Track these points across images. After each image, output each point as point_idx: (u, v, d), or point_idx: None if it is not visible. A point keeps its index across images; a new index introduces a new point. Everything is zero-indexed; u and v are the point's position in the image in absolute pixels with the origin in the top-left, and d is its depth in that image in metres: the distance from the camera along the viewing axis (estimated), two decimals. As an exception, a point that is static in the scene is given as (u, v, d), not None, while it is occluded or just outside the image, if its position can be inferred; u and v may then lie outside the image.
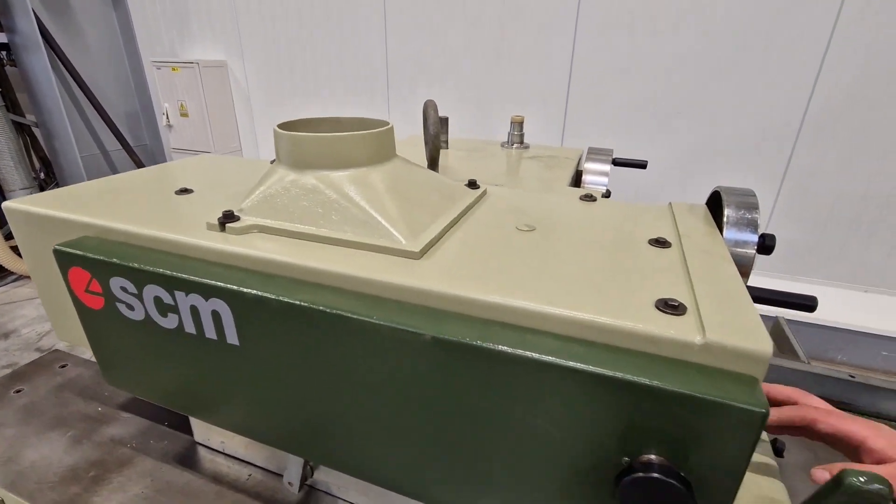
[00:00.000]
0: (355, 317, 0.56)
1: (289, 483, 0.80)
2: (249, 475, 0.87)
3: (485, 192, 0.94)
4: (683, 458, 0.47)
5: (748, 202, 0.76)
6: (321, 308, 0.58)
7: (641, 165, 1.47)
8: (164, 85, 3.61)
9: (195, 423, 0.93)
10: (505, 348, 0.50)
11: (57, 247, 0.75)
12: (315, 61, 3.29)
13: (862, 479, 0.34)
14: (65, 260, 0.75)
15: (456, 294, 0.56)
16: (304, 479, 0.80)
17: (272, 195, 0.74)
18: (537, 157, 1.45)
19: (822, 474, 0.54)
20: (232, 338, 0.67)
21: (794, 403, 0.58)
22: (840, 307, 2.51)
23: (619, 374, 0.47)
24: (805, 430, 0.57)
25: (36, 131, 3.75)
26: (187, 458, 0.90)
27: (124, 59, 3.89)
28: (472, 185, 0.94)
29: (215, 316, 0.66)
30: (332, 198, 0.71)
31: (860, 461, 0.52)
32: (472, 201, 0.86)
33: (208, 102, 3.51)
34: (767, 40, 2.35)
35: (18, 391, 1.07)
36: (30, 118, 3.69)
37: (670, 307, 0.52)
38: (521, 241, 0.72)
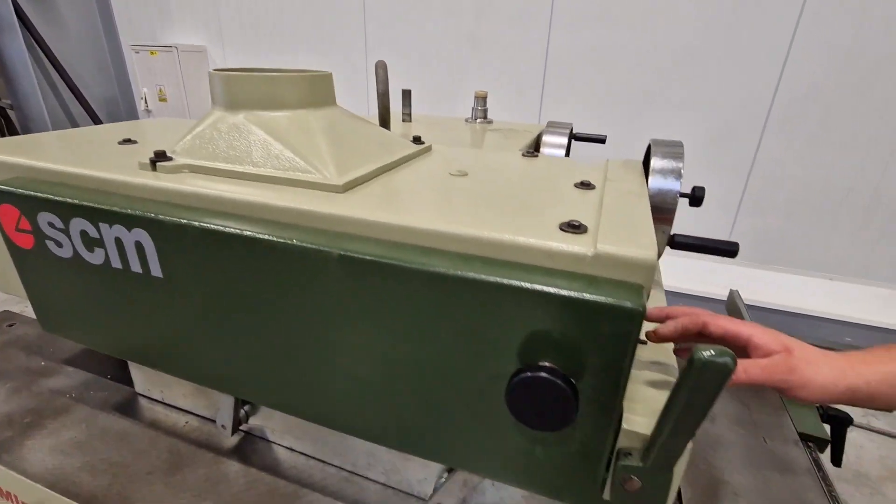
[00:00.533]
0: (267, 238, 0.57)
1: (222, 426, 0.80)
2: (186, 422, 0.87)
3: (429, 148, 0.95)
4: (572, 363, 0.48)
5: (674, 152, 0.78)
6: (235, 231, 0.59)
7: (600, 140, 1.49)
8: (143, 69, 3.58)
9: (136, 373, 0.93)
10: (408, 264, 0.52)
11: (-14, 185, 0.75)
12: (294, 48, 3.29)
13: (707, 353, 0.36)
14: (-6, 197, 0.75)
15: (369, 219, 0.57)
16: (237, 422, 0.81)
17: (205, 136, 0.75)
18: (498, 131, 1.47)
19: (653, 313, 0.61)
20: (156, 270, 0.67)
21: None
22: (806, 294, 2.56)
23: (511, 282, 0.48)
24: (701, 338, 0.59)
25: (11, 114, 3.70)
26: (126, 407, 0.90)
27: (103, 42, 3.85)
28: (417, 140, 0.95)
29: (139, 247, 0.66)
30: (262, 137, 0.71)
31: (749, 357, 0.55)
32: (413, 153, 0.87)
33: (187, 87, 3.48)
34: (733, 33, 2.39)
35: (-38, 347, 1.06)
36: (5, 101, 3.64)
37: (572, 227, 0.54)
38: (450, 182, 0.73)
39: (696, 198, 0.83)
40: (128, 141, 0.92)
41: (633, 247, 0.48)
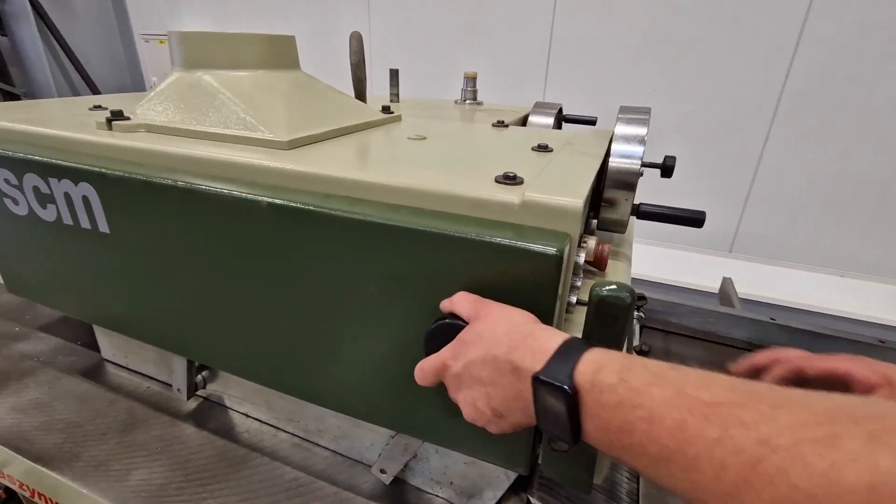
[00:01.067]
0: (202, 188, 0.56)
1: (178, 390, 0.80)
2: (148, 387, 0.87)
3: (398, 118, 0.94)
4: (496, 315, 0.46)
5: (639, 118, 0.75)
6: (171, 182, 0.58)
7: (591, 122, 1.46)
8: (153, 58, 3.63)
9: (102, 339, 0.93)
10: (334, 212, 0.50)
11: (-51, 142, 0.76)
12: (298, 34, 3.30)
13: (604, 290, 0.34)
14: (-44, 155, 0.75)
15: (305, 171, 0.56)
16: (193, 387, 0.80)
17: (163, 96, 0.74)
18: (485, 111, 1.44)
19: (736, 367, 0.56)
20: (103, 225, 0.67)
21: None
22: (816, 291, 2.48)
23: (435, 229, 0.46)
24: (800, 385, 0.57)
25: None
26: (91, 372, 0.91)
27: (115, 32, 3.92)
28: (386, 110, 0.94)
29: (86, 202, 0.66)
30: (216, 96, 0.71)
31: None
32: (378, 120, 0.86)
33: (194, 76, 3.52)
34: (741, 20, 2.32)
35: (-57, 312, 1.08)
36: (20, 90, 3.73)
37: (508, 178, 0.52)
38: (404, 144, 0.72)
39: (666, 167, 0.80)
40: (98, 107, 0.92)
41: (560, 195, 0.46)
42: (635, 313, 0.91)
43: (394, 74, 1.51)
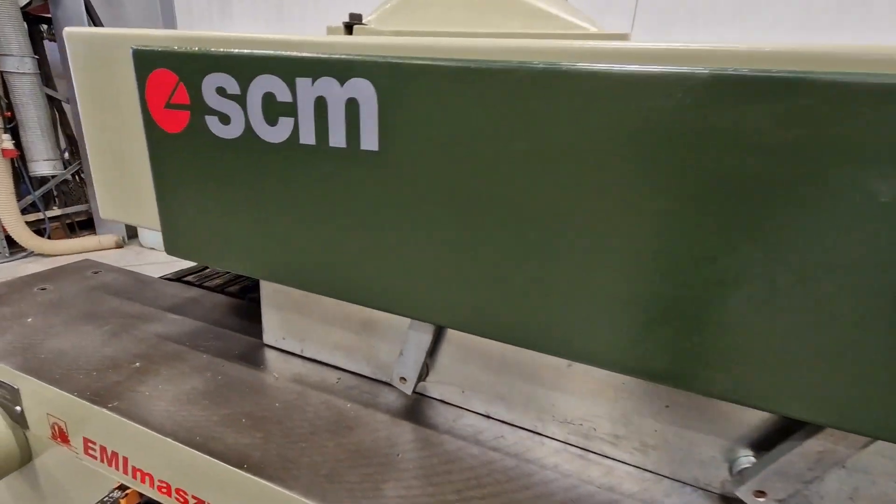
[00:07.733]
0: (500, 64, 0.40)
1: (401, 379, 0.61)
2: (339, 378, 0.68)
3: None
4: None
5: None
6: (462, 64, 0.42)
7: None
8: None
9: (269, 321, 0.74)
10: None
11: (135, 47, 0.59)
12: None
13: None
14: (146, 62, 0.59)
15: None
16: (424, 372, 0.61)
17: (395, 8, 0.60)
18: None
19: None
20: (370, 140, 0.50)
21: None
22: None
23: None
24: None
25: (66, 108, 3.68)
26: (254, 359, 0.71)
27: (162, 43, 3.86)
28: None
29: (351, 108, 0.49)
30: (496, -7, 0.56)
31: None
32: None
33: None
34: None
35: (43, 289, 0.89)
36: (62, 94, 3.62)
37: None
38: None
39: None
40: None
41: None
42: None
43: None
